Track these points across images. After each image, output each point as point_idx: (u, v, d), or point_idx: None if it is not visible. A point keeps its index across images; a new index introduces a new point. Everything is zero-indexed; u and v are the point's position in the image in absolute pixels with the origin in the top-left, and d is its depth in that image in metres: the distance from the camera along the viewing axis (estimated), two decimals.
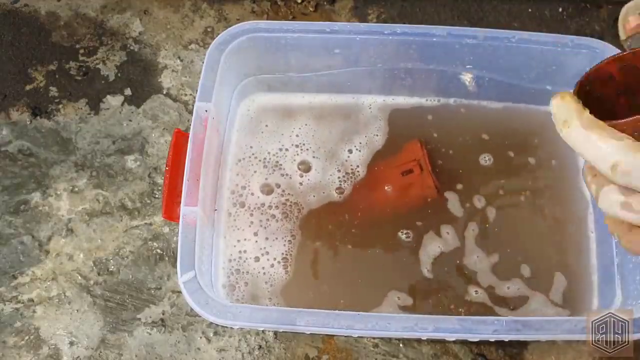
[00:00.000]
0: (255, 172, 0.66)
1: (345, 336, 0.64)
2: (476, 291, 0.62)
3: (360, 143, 0.68)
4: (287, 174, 0.66)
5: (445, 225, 0.64)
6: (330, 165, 0.67)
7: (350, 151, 0.67)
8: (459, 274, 0.62)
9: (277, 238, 0.64)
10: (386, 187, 0.65)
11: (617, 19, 0.81)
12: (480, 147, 0.68)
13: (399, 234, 0.64)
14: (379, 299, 0.61)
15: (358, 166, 0.67)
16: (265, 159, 0.67)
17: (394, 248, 0.63)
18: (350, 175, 0.66)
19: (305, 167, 0.67)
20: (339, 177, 0.66)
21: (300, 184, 0.66)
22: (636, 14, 0.78)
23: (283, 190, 0.66)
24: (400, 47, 0.62)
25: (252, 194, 0.65)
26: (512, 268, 0.63)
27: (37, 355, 0.63)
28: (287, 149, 0.68)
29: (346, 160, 0.67)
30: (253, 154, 0.67)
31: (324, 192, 0.66)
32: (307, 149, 0.68)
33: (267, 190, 0.66)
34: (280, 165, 0.67)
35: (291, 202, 0.65)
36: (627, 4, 0.80)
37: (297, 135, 0.68)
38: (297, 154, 0.67)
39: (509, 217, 0.65)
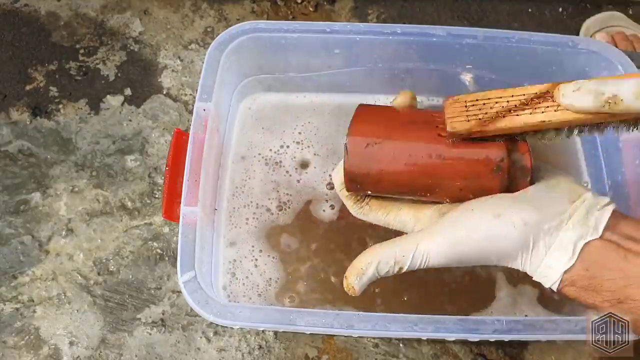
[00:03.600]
0: (255, 171, 0.66)
1: (345, 336, 0.64)
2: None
3: None
4: (287, 173, 0.66)
5: None
6: (329, 164, 0.67)
7: None
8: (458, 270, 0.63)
9: (277, 237, 0.64)
10: None
11: None
12: None
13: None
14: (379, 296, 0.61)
15: None
16: (265, 158, 0.67)
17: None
18: None
19: (304, 166, 0.67)
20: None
21: (298, 181, 0.66)
22: (600, 30, 0.78)
23: (283, 191, 0.66)
24: (400, 47, 0.62)
25: (252, 193, 0.65)
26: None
27: (37, 355, 0.63)
28: (287, 147, 0.68)
29: None
30: (253, 154, 0.67)
31: (319, 190, 0.66)
32: (308, 147, 0.68)
33: (267, 189, 0.66)
34: (280, 164, 0.67)
35: (291, 200, 0.65)
36: (586, 21, 0.80)
37: (296, 137, 0.68)
38: (297, 154, 0.67)
39: None
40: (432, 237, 0.40)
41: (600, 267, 0.37)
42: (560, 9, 0.82)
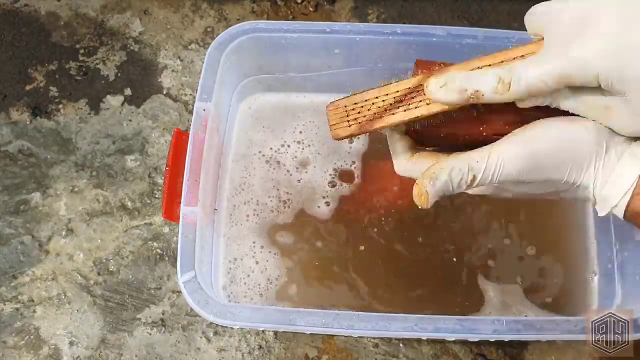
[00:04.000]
0: (255, 168, 0.66)
1: (345, 336, 0.64)
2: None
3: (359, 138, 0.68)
4: (287, 172, 0.66)
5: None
6: (329, 163, 0.67)
7: (350, 146, 0.67)
8: (461, 269, 0.63)
9: (278, 234, 0.64)
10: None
11: None
12: None
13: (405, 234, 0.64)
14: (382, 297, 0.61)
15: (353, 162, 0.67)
16: (265, 157, 0.67)
17: (395, 244, 0.63)
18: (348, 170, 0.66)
19: (304, 165, 0.67)
20: (334, 174, 0.66)
21: (299, 180, 0.66)
22: None
23: (283, 189, 0.66)
24: (400, 47, 0.62)
25: (252, 191, 0.65)
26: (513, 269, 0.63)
27: (37, 355, 0.63)
28: (288, 146, 0.68)
29: (348, 152, 0.67)
30: (253, 154, 0.67)
31: (320, 189, 0.66)
32: (309, 145, 0.68)
33: (268, 189, 0.66)
34: (281, 163, 0.67)
35: (291, 199, 0.65)
36: None
37: (297, 137, 0.68)
38: (298, 153, 0.67)
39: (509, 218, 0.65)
40: (505, 142, 0.41)
41: None
42: None
